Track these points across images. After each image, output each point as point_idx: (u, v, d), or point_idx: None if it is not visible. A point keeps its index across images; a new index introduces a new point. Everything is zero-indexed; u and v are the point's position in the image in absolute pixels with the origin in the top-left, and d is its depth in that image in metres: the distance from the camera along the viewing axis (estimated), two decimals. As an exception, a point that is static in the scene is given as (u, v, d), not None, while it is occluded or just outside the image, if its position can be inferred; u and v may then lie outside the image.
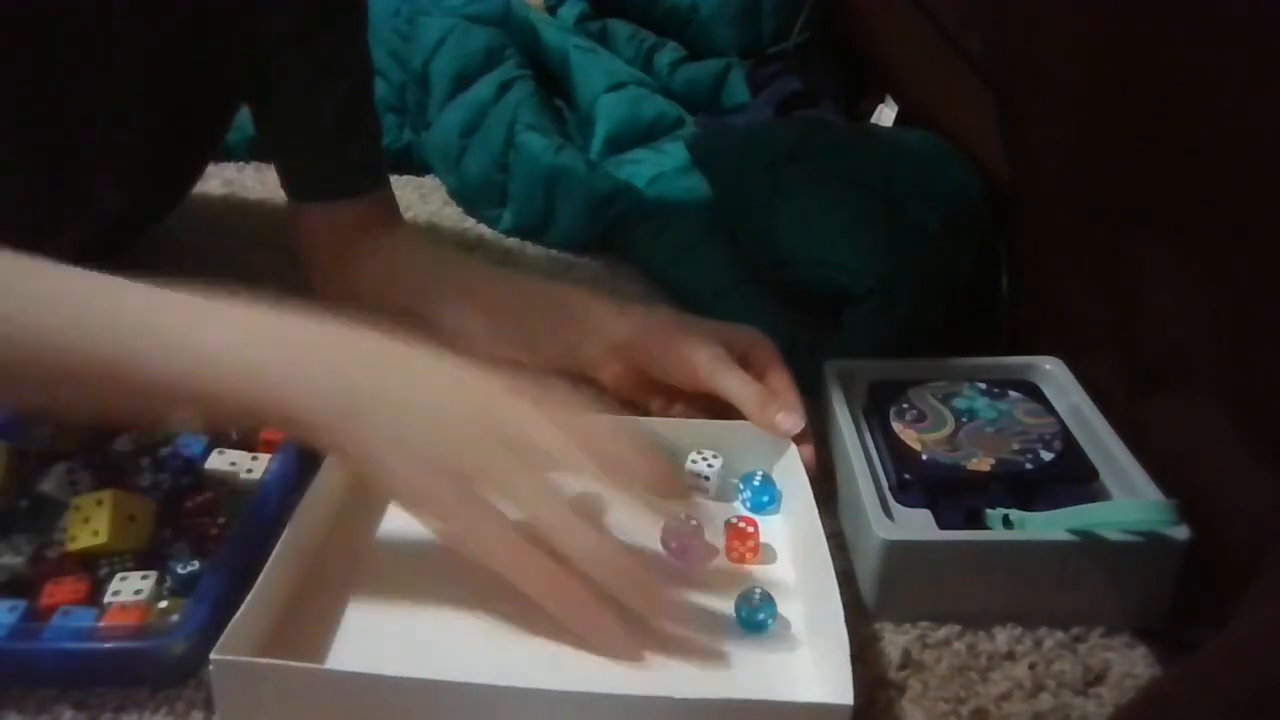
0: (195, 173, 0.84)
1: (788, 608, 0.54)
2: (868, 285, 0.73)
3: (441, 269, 0.76)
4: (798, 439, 0.62)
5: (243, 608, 0.48)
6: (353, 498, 0.60)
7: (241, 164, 1.04)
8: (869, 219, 0.76)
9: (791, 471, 0.61)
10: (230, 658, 0.46)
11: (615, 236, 0.91)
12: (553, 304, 0.70)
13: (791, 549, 0.58)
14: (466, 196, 0.99)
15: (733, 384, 0.62)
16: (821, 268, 0.75)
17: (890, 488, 0.59)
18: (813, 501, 0.57)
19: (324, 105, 0.73)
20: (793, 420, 0.61)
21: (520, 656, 0.51)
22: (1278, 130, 0.49)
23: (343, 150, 0.75)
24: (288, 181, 0.77)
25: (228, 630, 0.47)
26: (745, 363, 0.64)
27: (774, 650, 0.52)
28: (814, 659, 0.51)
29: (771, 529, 0.60)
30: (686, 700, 0.45)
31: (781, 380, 0.64)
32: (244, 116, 0.79)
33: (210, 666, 0.46)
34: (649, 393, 0.68)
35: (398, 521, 0.59)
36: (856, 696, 0.45)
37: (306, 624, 0.52)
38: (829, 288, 0.75)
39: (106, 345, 0.48)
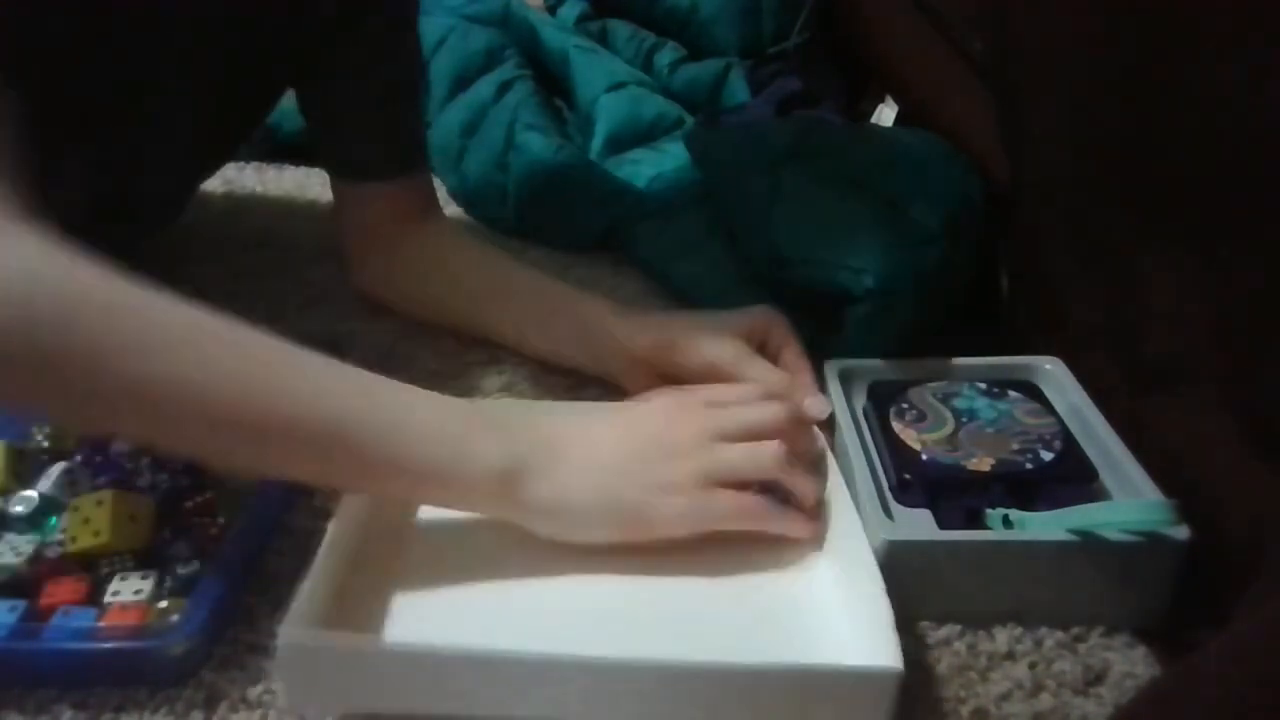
0: (230, 154, 0.86)
1: (824, 580, 0.56)
2: (867, 285, 0.73)
3: (477, 267, 0.77)
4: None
5: (304, 586, 0.48)
6: None
7: (242, 164, 1.04)
8: (869, 219, 0.76)
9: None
10: (298, 634, 0.46)
11: (615, 236, 0.91)
12: (574, 316, 0.71)
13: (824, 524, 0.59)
14: (467, 196, 0.99)
15: (761, 378, 0.64)
16: (821, 268, 0.75)
17: (890, 488, 0.59)
18: (841, 479, 0.58)
19: (369, 89, 0.74)
20: (820, 405, 0.63)
21: (572, 625, 0.52)
22: (1278, 130, 0.49)
23: (383, 133, 0.76)
24: (328, 162, 0.78)
25: (292, 609, 0.47)
26: (762, 348, 0.66)
27: (812, 620, 0.53)
28: (852, 627, 0.52)
29: None
30: (744, 666, 0.46)
31: (797, 361, 0.66)
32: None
33: (277, 644, 0.46)
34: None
35: None
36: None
37: (362, 600, 0.53)
38: (829, 288, 0.75)
39: (333, 413, 0.50)
